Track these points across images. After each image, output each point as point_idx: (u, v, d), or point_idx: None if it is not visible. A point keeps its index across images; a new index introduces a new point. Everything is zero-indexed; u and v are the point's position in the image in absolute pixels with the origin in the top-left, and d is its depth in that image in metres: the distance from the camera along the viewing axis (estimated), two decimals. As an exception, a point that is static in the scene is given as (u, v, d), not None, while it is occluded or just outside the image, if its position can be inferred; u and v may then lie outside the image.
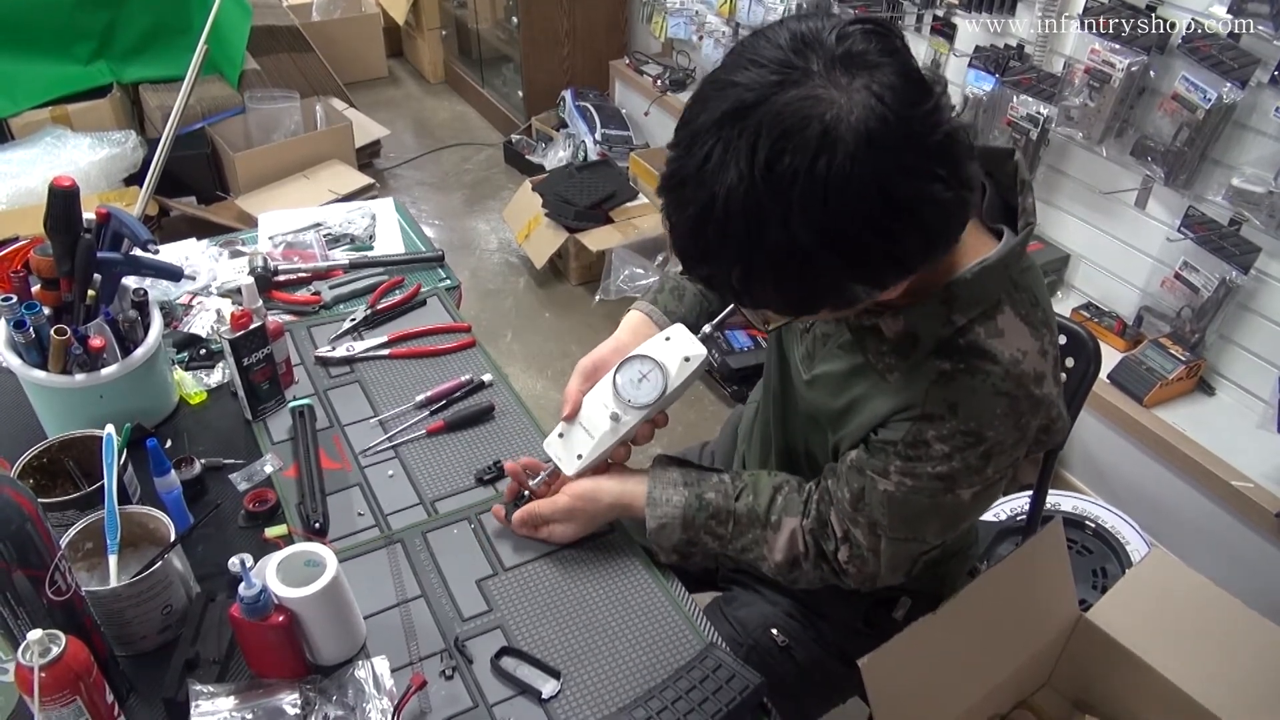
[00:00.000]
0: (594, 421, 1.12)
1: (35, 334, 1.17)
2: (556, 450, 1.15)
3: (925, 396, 0.90)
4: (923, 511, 0.97)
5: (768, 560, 1.09)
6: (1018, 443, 0.92)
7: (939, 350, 0.90)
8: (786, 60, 0.75)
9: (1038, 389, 0.90)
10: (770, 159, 0.72)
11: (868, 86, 0.73)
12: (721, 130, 0.74)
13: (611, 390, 1.10)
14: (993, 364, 0.88)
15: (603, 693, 1.00)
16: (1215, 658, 1.19)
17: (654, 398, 1.09)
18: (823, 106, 0.72)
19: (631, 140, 3.70)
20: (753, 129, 0.73)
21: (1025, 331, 0.91)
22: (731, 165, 0.74)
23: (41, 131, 3.14)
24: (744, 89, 0.74)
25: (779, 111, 0.73)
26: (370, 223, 1.79)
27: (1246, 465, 1.92)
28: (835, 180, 0.72)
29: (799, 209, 0.73)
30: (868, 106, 0.72)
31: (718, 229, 0.76)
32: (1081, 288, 2.35)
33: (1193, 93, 1.88)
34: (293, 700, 0.94)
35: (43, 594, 0.87)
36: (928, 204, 0.76)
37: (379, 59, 4.83)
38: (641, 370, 1.10)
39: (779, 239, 0.75)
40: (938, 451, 0.91)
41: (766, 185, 0.73)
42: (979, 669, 1.14)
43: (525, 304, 3.22)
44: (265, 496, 1.19)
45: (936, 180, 0.75)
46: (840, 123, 0.72)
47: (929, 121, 0.74)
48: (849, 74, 0.73)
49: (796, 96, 0.73)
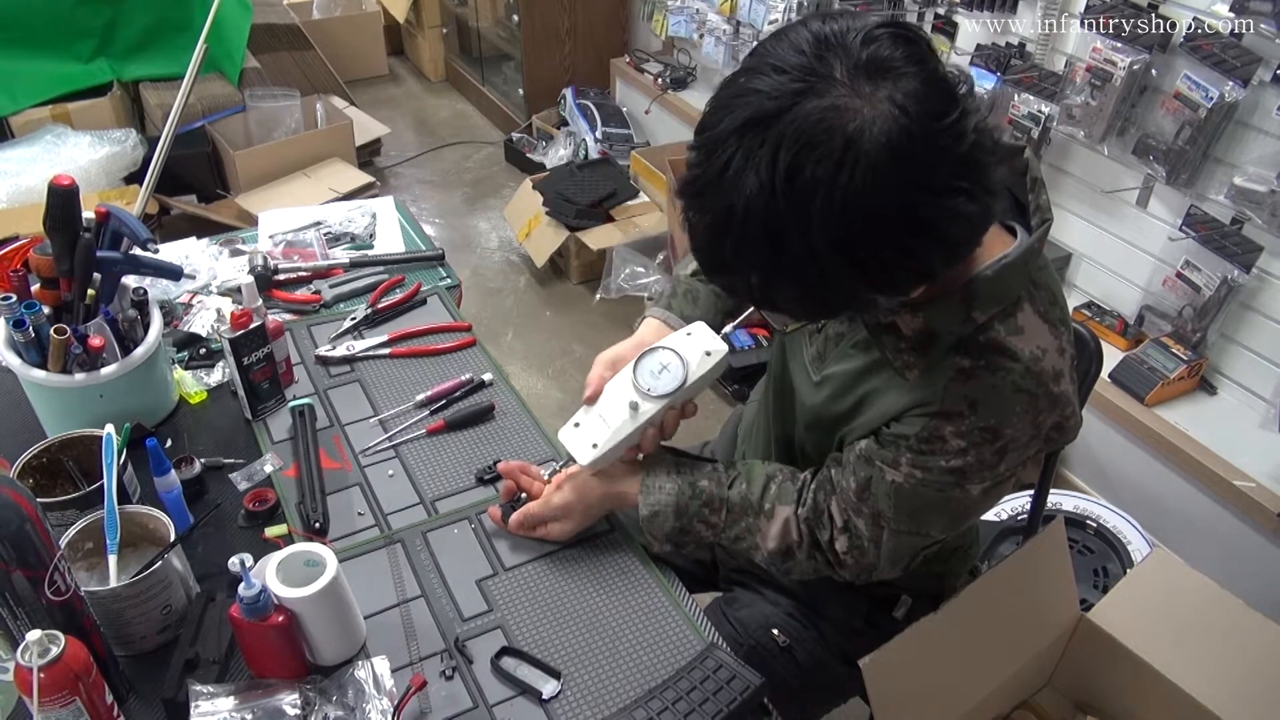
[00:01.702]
0: (612, 410, 1.10)
1: (35, 333, 1.17)
2: (571, 440, 1.12)
3: (944, 393, 0.90)
4: (930, 505, 0.96)
5: (760, 549, 1.09)
6: (1032, 440, 0.92)
7: (958, 347, 0.89)
8: (809, 66, 0.73)
9: (1056, 387, 0.90)
10: (791, 170, 0.71)
11: (891, 97, 0.71)
12: (743, 138, 0.73)
13: (631, 379, 1.09)
14: (1013, 361, 0.88)
15: (603, 693, 1.00)
16: (1217, 658, 1.19)
17: (673, 388, 1.07)
18: (846, 117, 0.71)
19: (632, 138, 3.70)
20: (774, 139, 0.72)
21: (1045, 329, 0.91)
22: (751, 175, 0.73)
23: (42, 130, 3.14)
24: (766, 96, 0.73)
25: (801, 121, 0.71)
26: (370, 221, 1.79)
27: (1248, 465, 1.92)
28: (857, 195, 0.71)
29: (819, 222, 0.72)
30: (891, 118, 0.71)
31: (737, 237, 0.76)
32: (1083, 287, 2.35)
33: (1195, 91, 1.87)
34: (292, 700, 0.94)
35: (42, 594, 0.87)
36: (952, 219, 0.75)
37: (380, 57, 4.83)
38: (662, 361, 1.09)
39: (799, 250, 0.74)
40: (953, 447, 0.91)
41: (787, 197, 0.72)
42: (980, 669, 1.14)
43: (526, 303, 3.22)
44: (265, 496, 1.19)
45: (960, 194, 0.74)
46: (863, 135, 0.71)
47: (954, 132, 0.73)
48: (873, 82, 0.72)
49: (819, 106, 0.71)
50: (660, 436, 1.12)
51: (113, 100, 3.31)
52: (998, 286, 0.87)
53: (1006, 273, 0.87)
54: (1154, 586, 1.27)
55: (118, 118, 3.31)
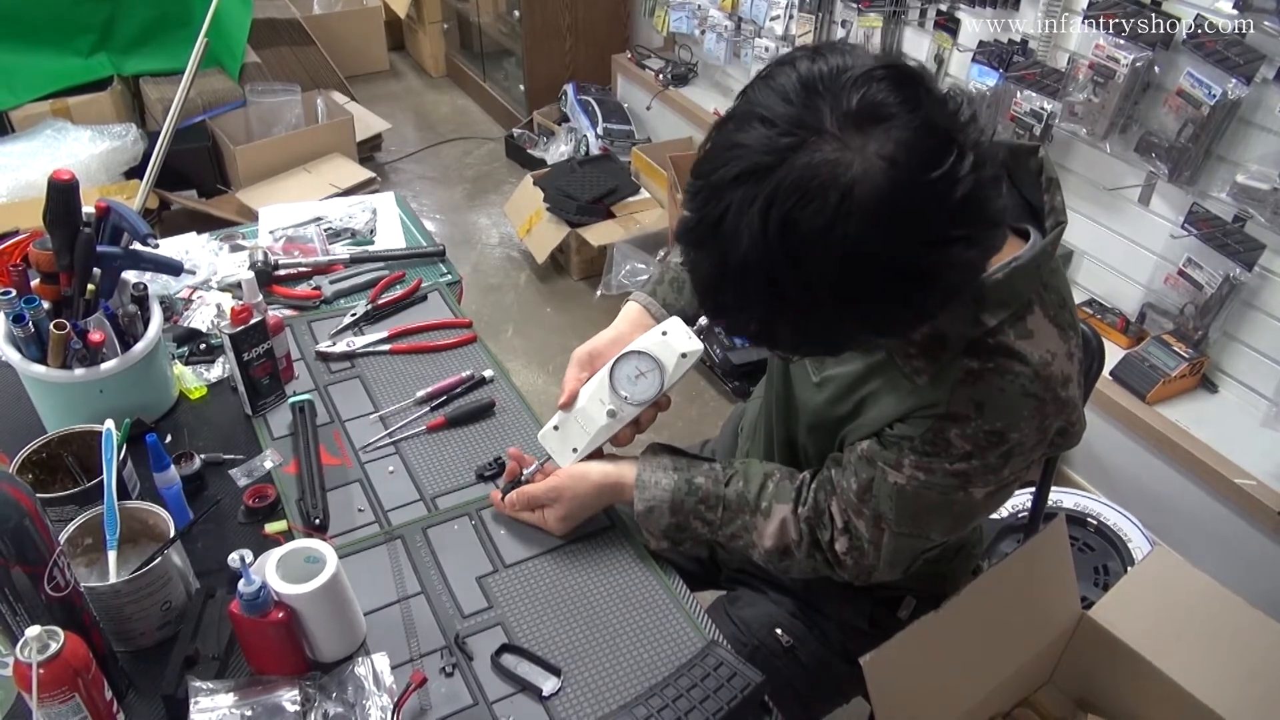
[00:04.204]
0: (590, 416, 1.13)
1: (34, 328, 1.16)
2: (552, 444, 1.16)
3: (951, 395, 0.89)
4: (932, 507, 0.96)
5: (757, 547, 1.09)
6: (1037, 444, 0.92)
7: (967, 350, 0.89)
8: (797, 118, 0.72)
9: (1064, 391, 0.90)
10: (786, 225, 0.71)
11: (880, 151, 0.70)
12: (735, 191, 0.73)
13: (608, 386, 1.11)
14: (1022, 365, 0.88)
15: (603, 690, 1.00)
16: (1218, 656, 1.19)
17: (651, 395, 1.11)
18: (838, 171, 0.70)
19: (633, 135, 3.69)
20: (768, 194, 0.71)
21: (1054, 333, 0.90)
22: (745, 231, 0.73)
23: (42, 124, 3.13)
24: (756, 151, 0.72)
25: (793, 178, 0.71)
26: (371, 217, 1.78)
27: (1249, 463, 1.92)
28: (851, 250, 0.71)
29: (816, 276, 0.73)
30: (881, 171, 0.70)
31: (735, 287, 0.77)
32: (1085, 284, 2.35)
33: (1197, 89, 1.87)
34: (292, 697, 0.94)
35: (41, 590, 0.87)
36: (949, 267, 0.75)
37: (380, 52, 4.82)
38: (639, 368, 1.11)
39: (797, 300, 0.75)
40: (959, 450, 0.90)
41: (783, 251, 0.72)
42: (981, 667, 1.14)
43: (526, 299, 3.22)
44: (265, 492, 1.19)
45: (958, 243, 0.74)
46: (854, 189, 0.70)
47: (949, 180, 0.72)
48: (863, 132, 0.71)
49: (809, 163, 0.71)
50: (636, 431, 1.15)
51: (113, 95, 3.30)
52: (1007, 290, 0.87)
53: (1017, 276, 0.87)
54: (1155, 584, 1.27)
55: (118, 112, 3.31)
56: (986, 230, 0.77)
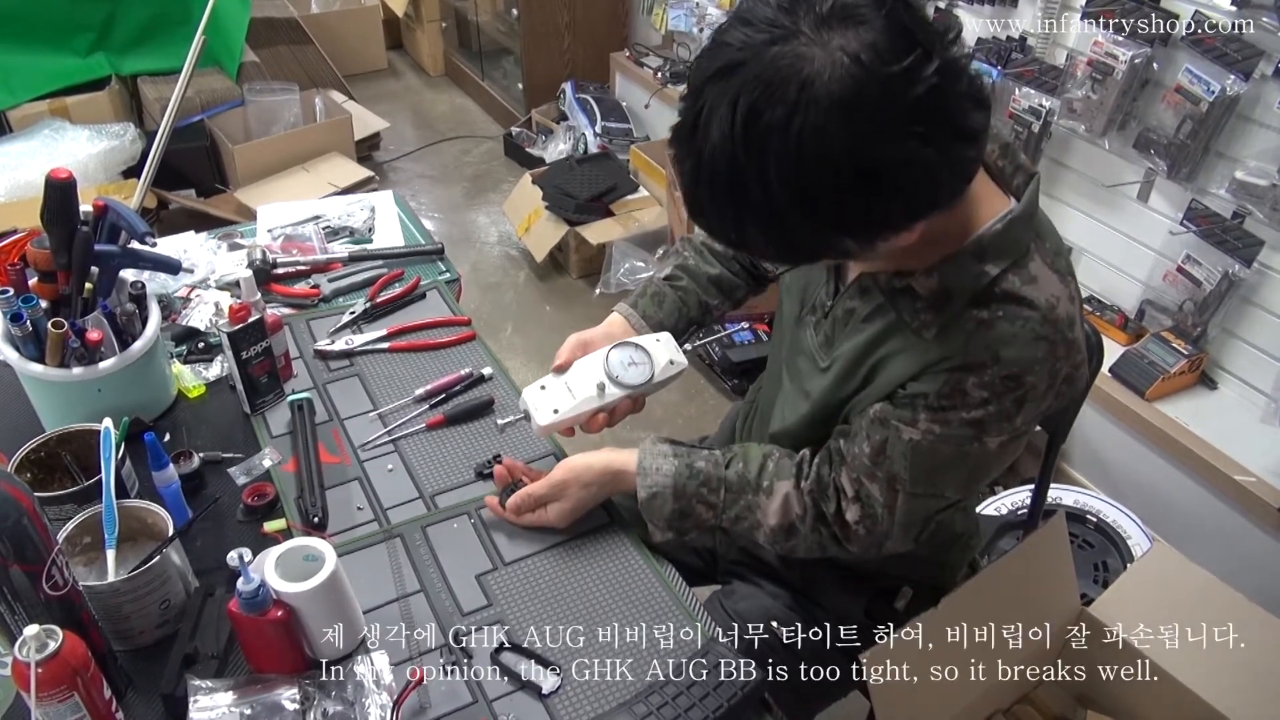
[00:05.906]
0: (580, 385, 1.17)
1: (32, 327, 1.16)
2: (533, 398, 1.18)
3: (965, 346, 0.90)
4: (947, 462, 0.97)
5: (762, 526, 1.09)
6: (1048, 390, 0.93)
7: (975, 301, 0.90)
8: (774, 19, 0.75)
9: (1071, 332, 0.92)
10: (749, 117, 0.74)
11: (844, 46, 0.72)
12: (711, 88, 0.76)
13: (604, 364, 1.18)
14: (1030, 309, 0.89)
15: (603, 688, 1.00)
16: (1217, 652, 1.19)
17: (640, 382, 1.17)
18: (802, 64, 0.73)
19: (632, 133, 3.69)
20: (736, 87, 0.74)
21: (1054, 278, 0.92)
22: (715, 124, 0.75)
23: (40, 124, 3.13)
24: (733, 49, 0.75)
25: (762, 69, 0.73)
26: (369, 216, 1.78)
27: (1248, 459, 1.92)
28: (808, 142, 0.73)
29: (774, 169, 0.74)
30: (843, 65, 0.72)
31: (708, 185, 0.79)
32: (1083, 281, 2.33)
33: (1196, 85, 1.87)
34: (292, 695, 0.94)
35: (40, 589, 0.86)
36: (906, 167, 0.75)
37: (378, 51, 4.82)
38: (634, 357, 1.19)
39: (758, 198, 0.76)
40: (975, 398, 0.91)
41: (745, 143, 0.74)
42: (980, 664, 1.14)
43: (525, 297, 3.22)
44: (264, 491, 1.19)
45: (913, 138, 0.74)
46: (816, 82, 0.72)
47: (908, 76, 0.73)
48: (833, 31, 0.73)
49: (778, 54, 0.73)
50: (608, 422, 1.19)
51: (111, 94, 3.30)
52: (1007, 239, 0.89)
53: (1015, 225, 0.89)
54: (1154, 581, 1.27)
55: (116, 112, 3.30)
56: (948, 137, 0.77)
